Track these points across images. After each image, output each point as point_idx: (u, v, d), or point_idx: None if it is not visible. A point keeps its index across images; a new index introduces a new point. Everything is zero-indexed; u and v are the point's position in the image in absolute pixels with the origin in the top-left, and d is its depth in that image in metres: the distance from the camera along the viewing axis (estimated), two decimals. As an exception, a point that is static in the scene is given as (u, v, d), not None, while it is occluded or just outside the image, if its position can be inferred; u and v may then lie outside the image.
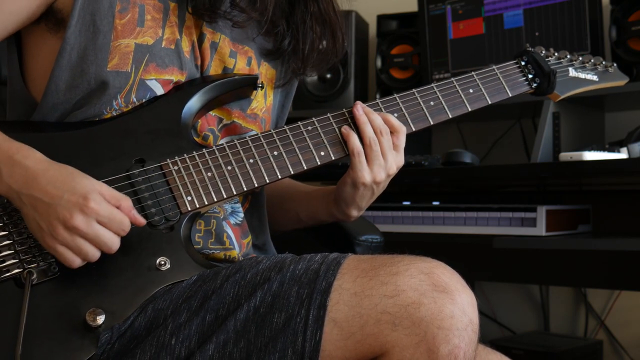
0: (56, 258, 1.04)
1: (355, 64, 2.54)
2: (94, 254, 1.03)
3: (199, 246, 1.18)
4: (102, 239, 1.02)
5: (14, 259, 1.05)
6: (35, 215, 1.02)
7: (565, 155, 1.86)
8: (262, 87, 1.28)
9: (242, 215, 1.27)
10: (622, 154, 1.89)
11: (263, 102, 1.30)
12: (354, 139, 1.20)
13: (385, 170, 1.22)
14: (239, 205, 1.26)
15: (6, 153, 1.04)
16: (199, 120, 1.21)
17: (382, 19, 2.56)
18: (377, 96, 2.48)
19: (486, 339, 2.27)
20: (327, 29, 1.32)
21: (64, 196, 1.01)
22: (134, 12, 1.15)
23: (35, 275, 1.04)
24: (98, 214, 1.01)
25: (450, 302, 0.97)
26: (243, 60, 1.27)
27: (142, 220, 1.07)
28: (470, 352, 0.98)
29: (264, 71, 1.31)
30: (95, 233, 1.01)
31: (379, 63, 2.52)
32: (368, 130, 1.20)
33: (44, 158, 1.05)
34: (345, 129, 1.21)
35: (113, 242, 1.03)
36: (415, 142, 2.51)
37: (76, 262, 1.03)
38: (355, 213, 1.30)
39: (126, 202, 1.05)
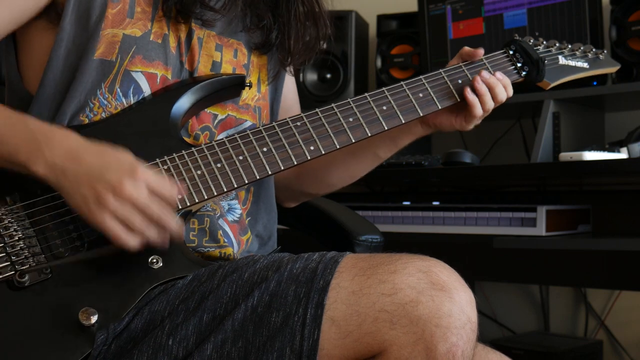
0: (105, 232, 1.02)
1: (355, 64, 2.54)
2: (142, 224, 1.01)
3: (194, 244, 1.19)
4: (153, 206, 1.01)
5: (6, 261, 1.04)
6: (82, 188, 1.01)
7: (565, 155, 1.86)
8: (250, 86, 1.28)
9: (239, 212, 1.27)
10: (622, 154, 1.89)
11: (255, 90, 1.31)
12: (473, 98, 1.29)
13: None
14: (235, 202, 1.26)
15: (45, 134, 1.05)
16: (189, 121, 1.22)
17: (382, 19, 2.56)
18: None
19: (486, 339, 2.27)
20: (310, 18, 1.33)
21: (111, 166, 1.01)
22: (124, 3, 1.16)
23: (27, 277, 1.04)
24: (147, 180, 1.02)
25: (448, 300, 0.97)
26: (229, 52, 1.27)
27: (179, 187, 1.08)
28: (469, 350, 0.97)
29: (256, 59, 1.31)
30: (145, 200, 1.01)
31: (379, 63, 2.52)
32: (488, 102, 1.31)
33: (81, 137, 1.06)
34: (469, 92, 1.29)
35: (162, 210, 1.02)
36: (415, 142, 2.50)
37: (127, 238, 1.01)
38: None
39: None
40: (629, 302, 2.40)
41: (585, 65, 1.44)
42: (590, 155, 1.82)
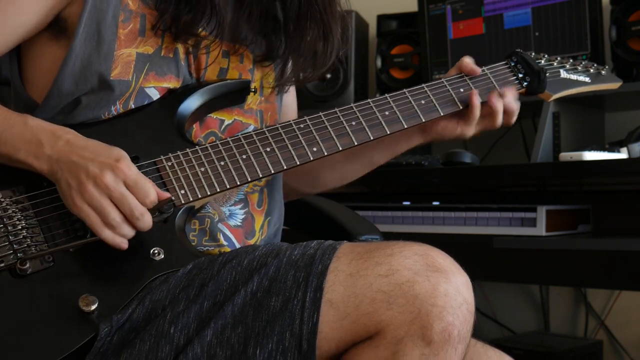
0: (83, 220, 1.05)
1: (355, 64, 2.54)
2: (115, 217, 1.04)
3: (194, 244, 1.19)
4: (127, 200, 1.04)
5: (8, 249, 1.06)
6: (68, 176, 1.05)
7: (565, 155, 1.86)
8: (255, 92, 1.30)
9: (241, 216, 1.27)
10: (622, 154, 1.89)
11: (258, 94, 1.32)
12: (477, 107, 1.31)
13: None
14: (236, 207, 1.27)
15: (49, 130, 1.09)
16: (193, 127, 1.23)
17: (382, 19, 2.56)
18: (377, 96, 2.48)
19: (486, 339, 2.27)
20: (329, 44, 1.33)
21: (97, 158, 1.05)
22: (135, 22, 1.18)
23: (29, 264, 1.05)
24: (126, 175, 1.05)
25: (444, 281, 0.98)
26: (236, 58, 1.28)
27: (166, 194, 1.09)
28: (465, 331, 0.98)
29: (260, 67, 1.32)
30: (120, 193, 1.04)
31: (379, 63, 2.52)
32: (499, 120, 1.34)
33: (79, 134, 1.10)
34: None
35: (136, 207, 1.05)
36: (416, 142, 2.50)
37: (101, 230, 1.04)
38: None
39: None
40: (629, 302, 2.40)
41: (587, 79, 1.47)
42: (590, 155, 1.83)
